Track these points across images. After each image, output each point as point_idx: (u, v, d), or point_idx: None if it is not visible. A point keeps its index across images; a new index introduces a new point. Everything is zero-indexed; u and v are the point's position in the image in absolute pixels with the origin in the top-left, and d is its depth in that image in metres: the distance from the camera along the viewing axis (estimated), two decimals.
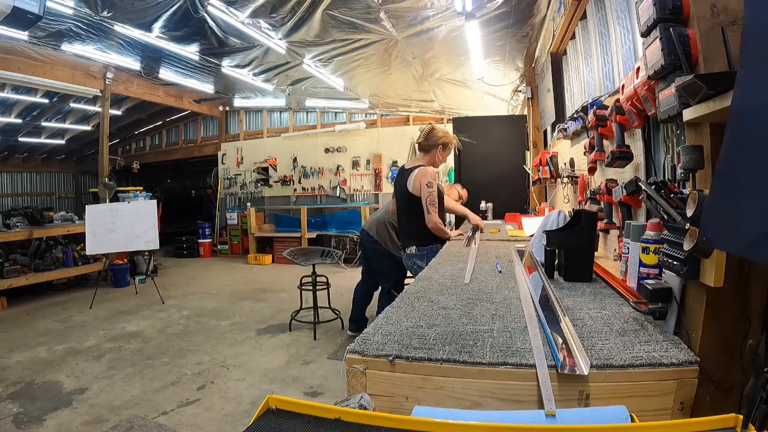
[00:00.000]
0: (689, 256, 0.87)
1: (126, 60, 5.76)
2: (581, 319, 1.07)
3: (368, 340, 0.97)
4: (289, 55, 5.35)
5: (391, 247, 3.53)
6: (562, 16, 2.96)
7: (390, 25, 4.36)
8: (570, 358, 0.83)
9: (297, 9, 4.13)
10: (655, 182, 1.15)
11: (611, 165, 1.61)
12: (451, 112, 7.27)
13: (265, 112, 9.11)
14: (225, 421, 2.50)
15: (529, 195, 4.57)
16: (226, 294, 5.73)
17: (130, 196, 6.77)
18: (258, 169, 8.96)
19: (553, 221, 1.78)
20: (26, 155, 9.86)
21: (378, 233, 3.61)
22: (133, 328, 4.30)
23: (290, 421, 0.66)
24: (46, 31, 4.63)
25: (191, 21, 4.44)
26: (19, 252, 5.57)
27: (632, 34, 1.92)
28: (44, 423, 2.50)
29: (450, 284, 1.49)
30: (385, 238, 3.57)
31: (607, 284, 1.42)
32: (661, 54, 0.93)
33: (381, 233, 3.60)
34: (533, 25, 4.18)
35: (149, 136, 10.41)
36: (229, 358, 3.46)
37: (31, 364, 3.41)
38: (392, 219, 3.46)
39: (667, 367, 0.81)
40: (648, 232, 1.15)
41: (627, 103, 1.39)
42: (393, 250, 3.48)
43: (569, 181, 2.63)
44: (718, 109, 0.77)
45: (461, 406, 0.82)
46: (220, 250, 9.21)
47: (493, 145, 4.90)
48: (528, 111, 4.89)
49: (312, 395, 2.80)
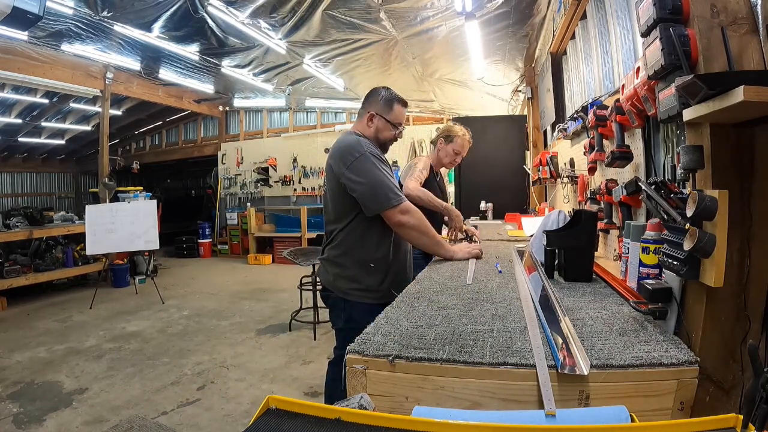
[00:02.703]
0: (689, 256, 0.87)
1: (126, 60, 5.76)
2: (581, 319, 1.07)
3: (368, 340, 0.97)
4: (289, 55, 5.35)
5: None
6: (562, 16, 2.96)
7: (390, 25, 4.36)
8: (570, 358, 0.83)
9: (297, 9, 4.13)
10: (655, 182, 1.15)
11: (611, 165, 1.61)
12: (451, 112, 7.27)
13: (265, 112, 9.11)
14: (225, 421, 2.50)
15: (529, 195, 4.56)
16: (226, 294, 5.73)
17: (130, 196, 6.77)
18: (258, 169, 8.96)
19: (553, 221, 1.78)
20: (26, 155, 9.86)
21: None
22: (133, 328, 4.30)
23: (290, 421, 0.66)
24: (46, 31, 4.63)
25: (191, 21, 4.44)
26: (19, 252, 5.57)
27: (632, 34, 1.92)
28: (44, 423, 2.50)
29: (450, 284, 1.49)
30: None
31: (607, 284, 1.42)
32: (661, 54, 0.93)
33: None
34: (533, 25, 4.18)
35: (149, 136, 10.41)
36: (229, 358, 3.46)
37: (31, 364, 3.41)
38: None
39: (667, 367, 0.81)
40: (648, 232, 1.15)
41: (627, 103, 1.39)
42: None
43: (569, 181, 2.63)
44: (718, 109, 0.77)
45: (461, 406, 0.82)
46: (220, 250, 9.22)
47: (493, 145, 4.90)
48: (528, 111, 4.89)
49: (312, 395, 2.80)
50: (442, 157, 2.61)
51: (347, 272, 1.75)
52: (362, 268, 1.74)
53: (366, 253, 1.74)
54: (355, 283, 1.74)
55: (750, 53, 0.87)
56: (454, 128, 2.64)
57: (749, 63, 0.87)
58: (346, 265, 1.76)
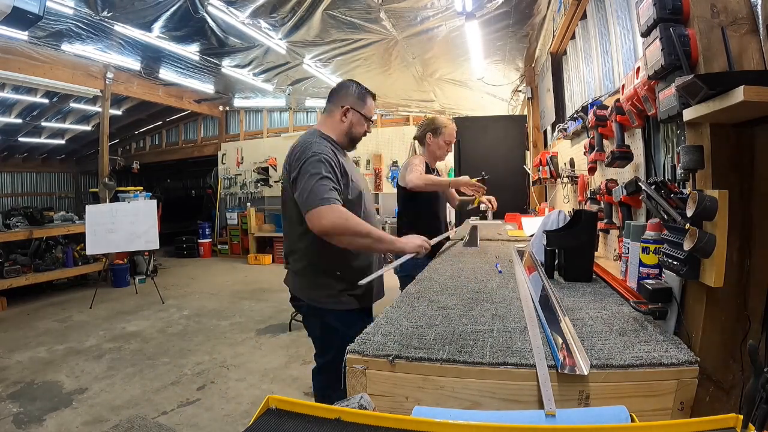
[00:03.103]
0: (689, 256, 0.87)
1: (126, 60, 5.76)
2: (581, 319, 1.07)
3: (368, 340, 0.97)
4: (289, 55, 5.35)
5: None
6: (562, 16, 2.96)
7: (390, 25, 4.36)
8: (570, 358, 0.83)
9: (297, 9, 4.13)
10: (655, 182, 1.15)
11: (611, 165, 1.61)
12: (451, 112, 7.26)
13: (265, 112, 9.10)
14: (225, 421, 2.50)
15: (529, 195, 4.56)
16: (226, 294, 5.73)
17: (130, 196, 6.77)
18: (258, 169, 8.96)
19: (553, 221, 1.78)
20: (26, 155, 9.86)
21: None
22: (133, 328, 4.30)
23: (290, 421, 0.66)
24: (46, 31, 4.63)
25: (191, 21, 4.44)
26: (19, 252, 5.57)
27: (632, 34, 1.92)
28: (44, 423, 2.50)
29: (450, 284, 1.49)
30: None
31: (607, 284, 1.42)
32: (661, 54, 0.93)
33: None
34: (533, 25, 4.18)
35: (149, 136, 10.41)
36: (229, 358, 3.46)
37: (31, 364, 3.41)
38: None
39: (667, 367, 0.81)
40: (648, 232, 1.15)
41: (627, 103, 1.39)
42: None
43: (569, 181, 2.63)
44: (718, 109, 0.77)
45: (461, 406, 0.82)
46: (220, 250, 9.22)
47: (493, 145, 4.90)
48: (528, 111, 4.89)
49: (312, 395, 2.80)
50: (435, 150, 2.58)
51: (315, 281, 1.64)
52: (329, 276, 1.62)
53: (330, 261, 1.61)
54: (325, 290, 1.63)
55: (750, 53, 0.87)
56: (438, 119, 2.60)
57: (749, 63, 0.87)
58: (312, 275, 1.64)
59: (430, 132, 2.55)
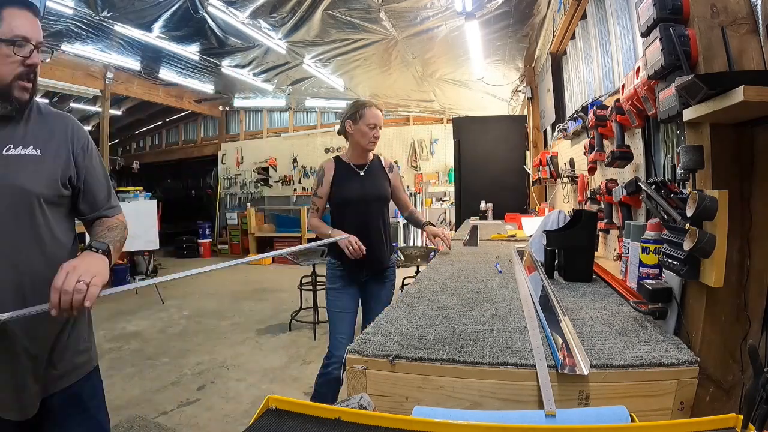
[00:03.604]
0: (689, 256, 0.87)
1: (126, 60, 5.75)
2: (581, 319, 1.07)
3: (368, 340, 0.97)
4: (289, 55, 5.35)
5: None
6: (562, 16, 2.96)
7: (390, 25, 4.36)
8: (570, 358, 0.84)
9: (297, 9, 4.13)
10: (655, 182, 1.15)
11: (611, 165, 1.61)
12: (451, 112, 7.27)
13: (265, 112, 9.10)
14: (225, 421, 2.50)
15: (529, 195, 4.57)
16: (226, 294, 5.73)
17: (130, 196, 6.77)
18: (258, 169, 8.96)
19: (553, 221, 1.78)
20: None
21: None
22: (133, 328, 4.30)
23: (290, 421, 0.66)
24: (46, 31, 4.61)
25: (191, 21, 4.44)
26: None
27: (632, 34, 1.92)
28: None
29: (450, 284, 1.49)
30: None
31: (607, 284, 1.42)
32: (661, 54, 0.93)
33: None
34: (533, 25, 4.18)
35: (149, 136, 10.41)
36: (229, 358, 3.46)
37: None
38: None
39: (667, 367, 0.81)
40: (648, 232, 1.15)
41: (627, 103, 1.39)
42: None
43: (569, 181, 2.63)
44: (718, 109, 0.77)
45: (461, 406, 0.82)
46: (220, 250, 9.21)
47: (493, 145, 4.91)
48: (528, 111, 4.89)
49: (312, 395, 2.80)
50: (359, 139, 2.13)
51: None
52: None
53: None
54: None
55: (750, 53, 0.87)
56: (356, 102, 2.21)
57: (749, 63, 0.87)
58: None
59: (348, 120, 2.12)
